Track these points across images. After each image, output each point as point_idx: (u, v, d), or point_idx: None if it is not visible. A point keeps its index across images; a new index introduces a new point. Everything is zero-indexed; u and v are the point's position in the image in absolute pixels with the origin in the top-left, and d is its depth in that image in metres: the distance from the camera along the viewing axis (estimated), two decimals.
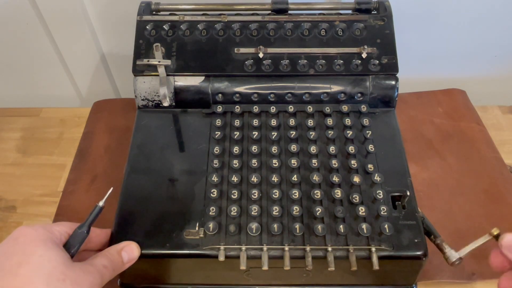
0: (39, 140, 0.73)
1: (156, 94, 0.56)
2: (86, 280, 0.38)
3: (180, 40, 0.57)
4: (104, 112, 0.73)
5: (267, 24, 0.58)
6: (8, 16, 0.71)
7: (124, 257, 0.42)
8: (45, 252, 0.37)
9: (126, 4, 0.68)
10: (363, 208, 0.45)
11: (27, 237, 0.38)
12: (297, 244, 0.44)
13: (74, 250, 0.41)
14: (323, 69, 0.56)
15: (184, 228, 0.46)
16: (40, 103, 0.81)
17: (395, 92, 0.56)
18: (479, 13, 0.69)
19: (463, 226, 0.57)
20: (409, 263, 0.45)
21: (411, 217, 0.46)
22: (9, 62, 0.80)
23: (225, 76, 0.56)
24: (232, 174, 0.49)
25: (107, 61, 0.79)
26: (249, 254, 0.44)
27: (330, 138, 0.52)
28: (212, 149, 0.51)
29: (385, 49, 0.56)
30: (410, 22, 0.70)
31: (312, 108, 0.55)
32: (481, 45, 0.74)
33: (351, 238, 0.44)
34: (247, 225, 0.45)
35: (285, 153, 0.51)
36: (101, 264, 0.40)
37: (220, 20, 0.58)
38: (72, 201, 0.62)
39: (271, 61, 0.56)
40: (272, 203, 0.47)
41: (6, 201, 0.65)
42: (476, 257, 0.55)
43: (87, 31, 0.72)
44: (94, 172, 0.64)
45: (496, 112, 0.74)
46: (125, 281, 0.49)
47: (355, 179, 0.48)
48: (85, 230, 0.42)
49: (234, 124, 0.53)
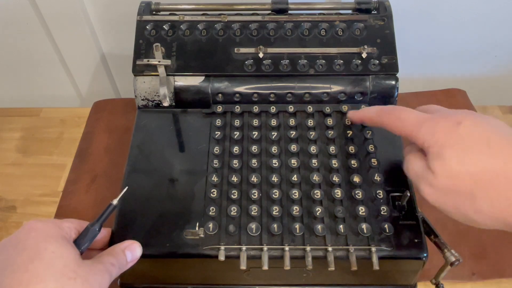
0: (39, 140, 0.73)
1: (156, 94, 0.56)
2: (95, 279, 0.37)
3: (180, 40, 0.57)
4: (104, 112, 0.73)
5: (267, 24, 0.58)
6: (8, 16, 0.71)
7: (128, 256, 0.42)
8: (57, 248, 0.37)
9: (126, 4, 0.68)
10: (363, 208, 0.45)
11: (39, 232, 0.38)
12: (297, 244, 0.44)
13: (84, 247, 0.41)
14: (323, 69, 0.56)
15: (184, 228, 0.46)
16: (40, 103, 0.81)
17: (395, 92, 0.56)
18: (479, 13, 0.69)
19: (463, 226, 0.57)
20: (409, 263, 0.45)
21: (411, 217, 0.46)
22: (9, 62, 0.80)
23: (225, 76, 0.56)
24: (232, 174, 0.49)
25: (107, 61, 0.79)
26: (249, 254, 0.44)
27: (330, 138, 0.52)
28: (212, 149, 0.51)
29: (385, 49, 0.56)
30: (410, 22, 0.70)
31: (312, 108, 0.55)
32: (481, 45, 0.75)
33: (351, 238, 0.44)
34: (247, 225, 0.45)
35: (285, 153, 0.51)
36: (109, 262, 0.40)
37: (220, 20, 0.58)
38: (72, 201, 0.62)
39: (271, 61, 0.56)
40: (272, 203, 0.47)
41: (6, 201, 0.65)
42: (476, 257, 0.55)
43: (87, 31, 0.72)
44: (94, 172, 0.64)
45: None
46: (125, 281, 0.49)
47: (355, 179, 0.48)
48: (97, 228, 0.42)
49: (234, 124, 0.53)
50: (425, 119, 0.41)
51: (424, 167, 0.40)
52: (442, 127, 0.39)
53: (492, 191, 0.35)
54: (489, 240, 0.56)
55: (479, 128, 0.38)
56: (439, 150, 0.38)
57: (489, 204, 0.36)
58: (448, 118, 0.39)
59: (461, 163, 0.37)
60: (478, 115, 0.40)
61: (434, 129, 0.39)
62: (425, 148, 0.40)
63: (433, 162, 0.38)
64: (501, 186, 0.35)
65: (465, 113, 0.40)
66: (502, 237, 0.56)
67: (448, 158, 0.37)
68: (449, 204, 0.38)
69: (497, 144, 0.36)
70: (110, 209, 0.43)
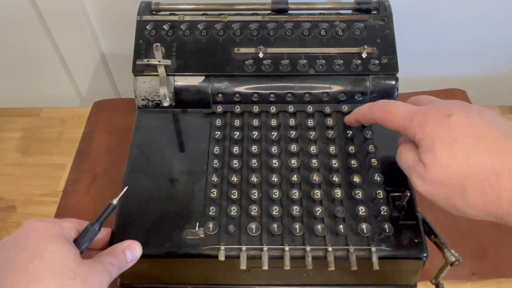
0: (39, 140, 0.73)
1: (156, 94, 0.56)
2: (95, 278, 0.37)
3: (180, 40, 0.57)
4: (104, 112, 0.73)
5: (267, 24, 0.58)
6: (8, 16, 0.71)
7: (127, 256, 0.42)
8: (56, 248, 0.37)
9: (126, 4, 0.68)
10: (363, 208, 0.45)
11: (39, 232, 0.38)
12: (297, 244, 0.44)
13: (84, 247, 0.41)
14: (323, 69, 0.56)
15: (184, 228, 0.46)
16: (40, 103, 0.81)
17: (395, 92, 0.56)
18: (479, 13, 0.69)
19: (463, 226, 0.57)
20: (409, 263, 0.45)
21: (411, 217, 0.46)
22: (9, 62, 0.80)
23: (225, 76, 0.56)
24: (232, 174, 0.49)
25: (107, 61, 0.79)
26: (249, 254, 0.44)
27: (330, 138, 0.52)
28: (212, 149, 0.51)
29: (385, 49, 0.56)
30: (410, 22, 0.70)
31: (312, 108, 0.55)
32: (481, 45, 0.74)
33: (351, 238, 0.44)
34: (247, 225, 0.45)
35: (285, 153, 0.51)
36: (108, 262, 0.40)
37: (220, 20, 0.58)
38: (72, 201, 0.62)
39: (271, 61, 0.56)
40: (272, 203, 0.47)
41: (6, 201, 0.65)
42: (476, 257, 0.55)
43: (87, 31, 0.72)
44: (94, 172, 0.64)
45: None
46: (125, 281, 0.49)
47: (355, 179, 0.48)
48: (97, 227, 0.42)
49: (234, 124, 0.53)
50: (416, 111, 0.40)
51: (415, 160, 0.40)
52: (433, 120, 0.39)
53: (482, 184, 0.35)
54: (489, 240, 0.56)
55: (470, 120, 0.37)
56: (430, 143, 0.38)
57: (479, 198, 0.36)
58: (439, 110, 0.39)
59: (452, 157, 0.37)
60: (469, 106, 0.40)
61: (425, 122, 0.39)
62: (417, 140, 0.40)
63: (424, 155, 0.38)
64: (491, 179, 0.35)
65: (456, 104, 0.40)
66: (502, 237, 0.56)
67: (439, 152, 0.37)
68: (440, 197, 0.38)
69: (488, 137, 0.36)
70: (110, 209, 0.43)
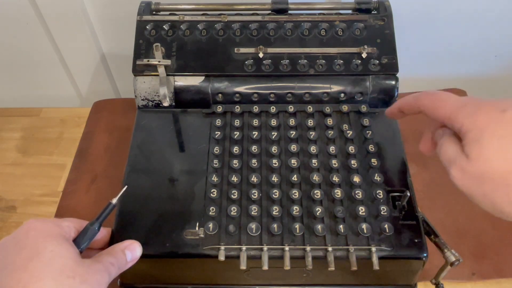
0: (39, 140, 0.73)
1: (156, 94, 0.56)
2: (94, 278, 0.37)
3: (180, 40, 0.57)
4: (104, 112, 0.73)
5: (267, 24, 0.58)
6: (8, 16, 0.71)
7: (127, 255, 0.42)
8: (56, 247, 0.37)
9: (126, 4, 0.68)
10: (363, 208, 0.45)
11: (38, 231, 0.38)
12: (297, 244, 0.44)
13: (83, 246, 0.41)
14: (323, 69, 0.56)
15: (184, 228, 0.46)
16: (40, 103, 0.81)
17: (395, 92, 0.56)
18: (479, 13, 0.69)
19: (464, 226, 0.57)
20: (409, 263, 0.45)
21: (411, 217, 0.46)
22: (9, 62, 0.80)
23: (225, 76, 0.56)
24: (232, 174, 0.49)
25: (107, 61, 0.79)
26: (249, 254, 0.44)
27: (330, 138, 0.52)
28: (212, 149, 0.51)
29: (385, 49, 0.56)
30: (410, 22, 0.70)
31: (312, 108, 0.55)
32: (481, 45, 0.74)
33: (351, 238, 0.44)
34: (247, 225, 0.45)
35: (285, 153, 0.51)
36: (108, 261, 0.40)
37: (220, 20, 0.58)
38: (72, 201, 0.62)
39: (271, 61, 0.56)
40: (272, 203, 0.47)
41: (6, 201, 0.65)
42: (476, 257, 0.55)
43: (87, 31, 0.72)
44: (94, 172, 0.64)
45: None
46: (125, 281, 0.49)
47: (355, 179, 0.48)
48: (96, 227, 0.42)
49: (234, 124, 0.53)
50: (467, 102, 0.39)
51: (457, 151, 0.38)
52: (486, 112, 0.37)
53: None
54: (489, 240, 0.56)
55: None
56: (478, 135, 0.36)
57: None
58: (492, 104, 0.37)
59: (501, 150, 0.35)
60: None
61: (475, 113, 0.37)
62: (462, 132, 0.38)
63: (469, 146, 0.37)
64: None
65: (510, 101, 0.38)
66: (502, 237, 0.56)
67: (487, 143, 0.35)
68: (478, 191, 0.36)
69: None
70: (109, 208, 0.43)
